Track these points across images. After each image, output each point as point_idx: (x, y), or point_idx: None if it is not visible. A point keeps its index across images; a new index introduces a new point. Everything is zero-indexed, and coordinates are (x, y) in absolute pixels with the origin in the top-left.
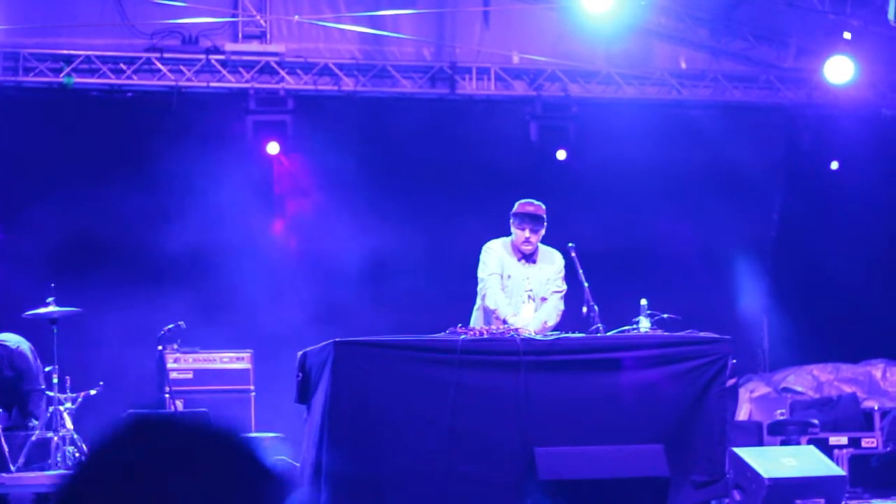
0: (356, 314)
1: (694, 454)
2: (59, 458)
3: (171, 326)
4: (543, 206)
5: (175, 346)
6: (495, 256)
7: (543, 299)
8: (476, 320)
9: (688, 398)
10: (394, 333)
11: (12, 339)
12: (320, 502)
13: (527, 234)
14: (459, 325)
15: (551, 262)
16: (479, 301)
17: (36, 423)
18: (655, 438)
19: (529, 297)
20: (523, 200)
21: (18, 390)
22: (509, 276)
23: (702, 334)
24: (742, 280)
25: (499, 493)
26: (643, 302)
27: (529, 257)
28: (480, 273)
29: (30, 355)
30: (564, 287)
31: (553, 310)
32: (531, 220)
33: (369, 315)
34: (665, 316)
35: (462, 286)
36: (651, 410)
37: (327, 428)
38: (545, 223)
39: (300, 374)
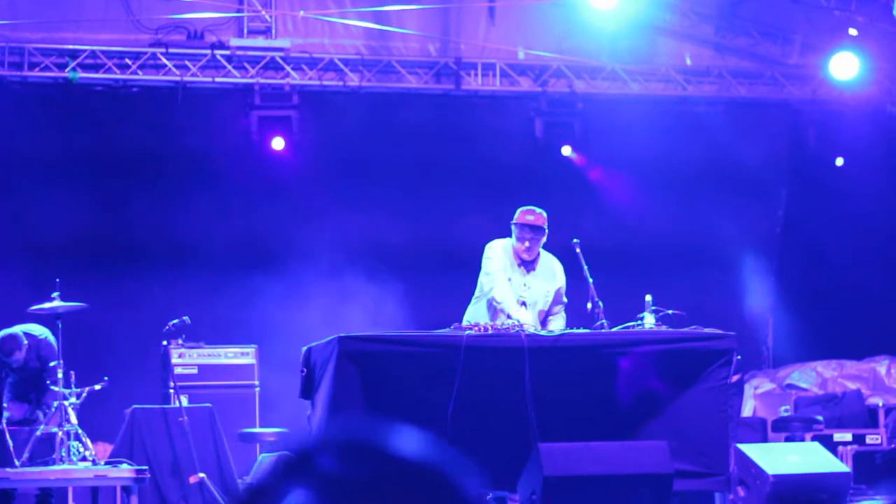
0: (360, 309)
1: (698, 450)
2: (63, 454)
3: (175, 322)
4: (545, 215)
5: (180, 342)
6: (500, 256)
7: (542, 312)
8: (473, 315)
9: (692, 394)
10: (398, 329)
11: (38, 330)
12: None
13: (527, 244)
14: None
15: (552, 275)
16: (477, 293)
17: (42, 416)
18: (660, 434)
19: (522, 303)
20: (524, 208)
21: (41, 381)
22: (509, 279)
23: (706, 330)
24: (747, 276)
25: (503, 489)
26: (648, 298)
27: (529, 265)
28: (488, 267)
29: (55, 346)
30: (566, 300)
31: (562, 323)
32: (531, 230)
33: (374, 310)
34: (670, 312)
35: (467, 282)
36: (655, 406)
37: (331, 423)
38: (546, 232)
39: (304, 370)
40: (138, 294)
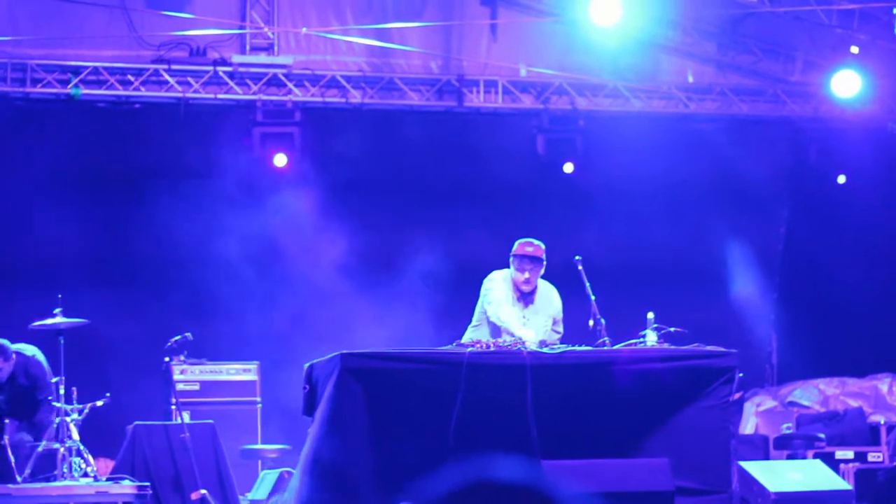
0: (363, 326)
1: (700, 467)
2: (65, 470)
3: (177, 338)
4: (543, 246)
5: (182, 358)
6: (501, 286)
7: (542, 342)
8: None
9: (694, 411)
10: (400, 346)
11: (28, 349)
12: None
13: (526, 275)
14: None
15: (549, 302)
16: (475, 322)
17: (32, 437)
18: (661, 451)
19: None
20: (522, 241)
21: (31, 399)
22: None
23: (708, 348)
24: (749, 294)
25: None
26: (650, 315)
27: (527, 298)
28: (490, 297)
29: (44, 364)
30: (561, 330)
31: None
32: (530, 261)
33: (376, 327)
34: (672, 329)
35: (469, 299)
36: (657, 423)
37: (331, 438)
38: (544, 263)
39: (306, 386)
40: (140, 310)
